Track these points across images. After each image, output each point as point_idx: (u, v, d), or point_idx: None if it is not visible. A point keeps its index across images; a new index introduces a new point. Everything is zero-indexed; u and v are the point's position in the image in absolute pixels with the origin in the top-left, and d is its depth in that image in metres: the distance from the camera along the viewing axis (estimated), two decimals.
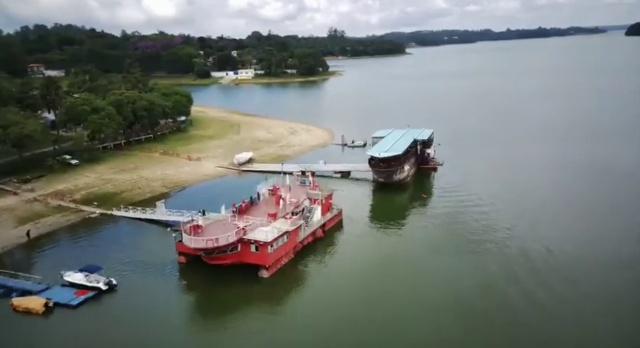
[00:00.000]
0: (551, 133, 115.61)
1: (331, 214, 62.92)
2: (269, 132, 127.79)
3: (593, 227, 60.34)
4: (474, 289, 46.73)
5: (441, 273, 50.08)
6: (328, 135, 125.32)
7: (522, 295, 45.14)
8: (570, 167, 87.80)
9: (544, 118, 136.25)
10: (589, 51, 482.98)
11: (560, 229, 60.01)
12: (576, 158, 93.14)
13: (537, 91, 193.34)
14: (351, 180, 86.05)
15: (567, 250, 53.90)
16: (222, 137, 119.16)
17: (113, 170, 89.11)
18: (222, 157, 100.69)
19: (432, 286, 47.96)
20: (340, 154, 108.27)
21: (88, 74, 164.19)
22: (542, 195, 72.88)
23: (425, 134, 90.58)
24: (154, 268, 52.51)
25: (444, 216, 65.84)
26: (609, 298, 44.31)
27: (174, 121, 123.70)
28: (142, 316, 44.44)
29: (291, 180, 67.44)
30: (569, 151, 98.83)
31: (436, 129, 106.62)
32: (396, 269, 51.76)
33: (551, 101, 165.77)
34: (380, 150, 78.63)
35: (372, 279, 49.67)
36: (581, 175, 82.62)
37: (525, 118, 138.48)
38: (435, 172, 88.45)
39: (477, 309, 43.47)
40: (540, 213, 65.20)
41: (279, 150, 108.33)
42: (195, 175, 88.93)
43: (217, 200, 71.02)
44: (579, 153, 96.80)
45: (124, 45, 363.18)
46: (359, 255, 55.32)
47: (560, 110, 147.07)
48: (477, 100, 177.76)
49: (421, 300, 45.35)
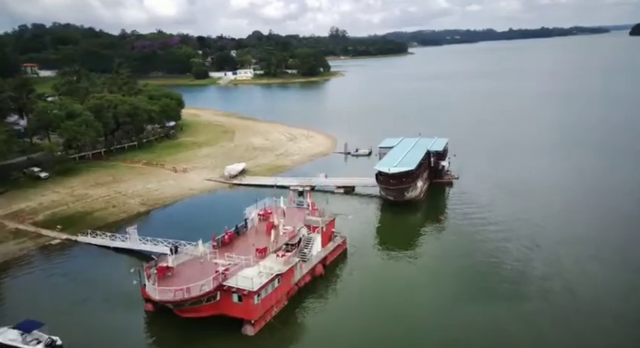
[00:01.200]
0: (575, 142, 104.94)
1: (334, 245, 52.81)
2: (266, 138, 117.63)
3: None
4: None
5: (476, 327, 39.86)
6: (330, 142, 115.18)
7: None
8: (608, 184, 77.33)
9: (564, 123, 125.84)
10: (595, 51, 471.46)
11: (610, 263, 49.91)
12: (615, 175, 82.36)
13: (549, 94, 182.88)
14: (356, 196, 75.95)
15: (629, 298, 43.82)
16: (213, 145, 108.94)
17: (87, 184, 79.02)
18: (211, 168, 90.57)
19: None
20: (343, 164, 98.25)
21: (76, 75, 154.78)
22: (583, 220, 62.52)
23: (439, 144, 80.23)
24: (114, 319, 42.42)
25: (467, 245, 55.65)
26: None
27: (162, 127, 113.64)
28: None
29: (286, 201, 57.40)
30: (604, 165, 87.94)
31: (448, 136, 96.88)
32: (414, 321, 41.63)
33: (568, 105, 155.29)
34: (389, 164, 68.42)
35: (386, 333, 39.55)
36: (621, 195, 72.33)
37: (543, 123, 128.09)
38: (450, 188, 78.19)
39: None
40: (585, 245, 54.95)
41: (276, 160, 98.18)
42: (179, 189, 78.80)
43: (201, 222, 61.96)
44: (614, 167, 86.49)
45: (122, 44, 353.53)
46: (367, 300, 44.97)
47: (578, 116, 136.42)
48: (489, 103, 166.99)
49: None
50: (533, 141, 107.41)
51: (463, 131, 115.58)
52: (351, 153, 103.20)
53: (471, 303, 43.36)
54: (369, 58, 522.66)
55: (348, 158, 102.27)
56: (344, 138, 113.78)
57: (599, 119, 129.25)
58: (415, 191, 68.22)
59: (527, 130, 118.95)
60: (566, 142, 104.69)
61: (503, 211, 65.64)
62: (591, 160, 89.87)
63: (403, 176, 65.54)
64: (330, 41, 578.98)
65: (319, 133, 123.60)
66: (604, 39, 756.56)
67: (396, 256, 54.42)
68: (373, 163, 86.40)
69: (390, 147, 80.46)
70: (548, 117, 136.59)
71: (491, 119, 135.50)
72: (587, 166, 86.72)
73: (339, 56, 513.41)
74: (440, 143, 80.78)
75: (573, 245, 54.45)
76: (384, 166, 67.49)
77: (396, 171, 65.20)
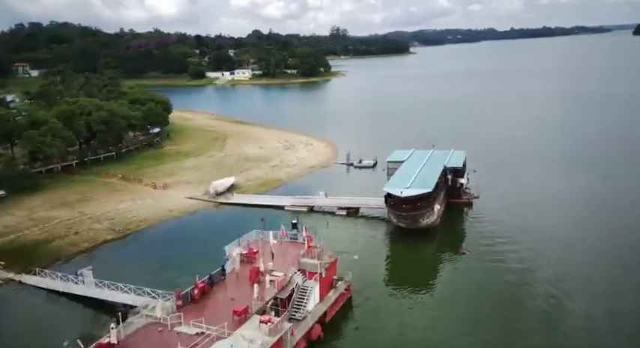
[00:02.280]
0: (605, 153, 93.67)
1: (335, 294, 42.16)
2: (260, 146, 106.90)
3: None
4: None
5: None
6: (330, 150, 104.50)
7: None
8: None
9: (587, 130, 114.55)
10: (600, 51, 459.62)
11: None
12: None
13: (565, 97, 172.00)
14: (360, 219, 65.33)
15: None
16: (201, 154, 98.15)
17: (50, 204, 68.42)
18: (197, 183, 79.90)
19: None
20: (345, 177, 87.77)
21: (60, 75, 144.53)
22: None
23: (457, 159, 69.29)
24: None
25: (501, 291, 44.87)
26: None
27: (145, 134, 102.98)
28: None
29: (276, 234, 46.75)
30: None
31: (462, 146, 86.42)
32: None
33: (587, 109, 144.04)
34: (400, 184, 57.63)
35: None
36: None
37: (566, 130, 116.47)
38: (469, 209, 67.49)
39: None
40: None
41: (270, 172, 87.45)
42: (157, 210, 68.12)
43: (176, 258, 51.78)
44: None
45: (118, 44, 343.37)
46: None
47: (602, 122, 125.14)
48: (502, 107, 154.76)
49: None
50: (557, 151, 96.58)
51: (477, 139, 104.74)
52: (354, 164, 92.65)
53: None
54: (370, 57, 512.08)
55: (350, 170, 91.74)
56: (346, 146, 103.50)
57: (625, 124, 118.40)
58: (432, 217, 57.49)
59: (550, 138, 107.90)
60: (595, 153, 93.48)
61: (533, 241, 55.06)
62: (628, 176, 79.13)
63: (418, 200, 54.83)
64: (331, 41, 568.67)
65: (319, 140, 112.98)
66: (607, 38, 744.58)
67: (413, 304, 43.72)
68: (379, 176, 76.28)
69: (399, 161, 69.66)
70: (570, 123, 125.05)
71: (508, 126, 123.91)
72: (624, 183, 75.95)
73: (340, 56, 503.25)
74: (458, 157, 69.88)
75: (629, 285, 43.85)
76: (395, 188, 56.64)
77: (410, 194, 54.42)
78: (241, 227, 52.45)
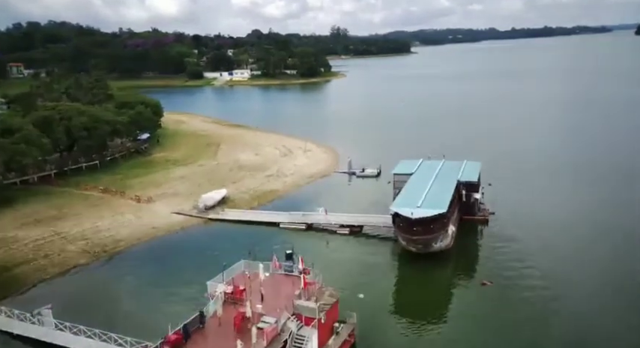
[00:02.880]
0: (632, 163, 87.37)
1: (337, 343, 35.51)
2: (256, 153, 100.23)
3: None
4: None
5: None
6: (331, 157, 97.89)
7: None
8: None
9: (608, 136, 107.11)
10: (605, 51, 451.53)
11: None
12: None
13: (578, 99, 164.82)
14: (363, 238, 58.81)
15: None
16: (192, 162, 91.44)
17: (20, 221, 61.78)
18: (185, 195, 73.25)
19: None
20: (346, 188, 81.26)
21: (50, 76, 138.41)
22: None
23: (471, 171, 62.45)
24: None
25: (524, 328, 38.38)
26: None
27: (133, 140, 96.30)
28: None
29: (267, 267, 40.15)
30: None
31: (472, 152, 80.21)
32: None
33: (604, 113, 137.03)
34: (410, 202, 50.95)
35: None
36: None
37: (584, 136, 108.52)
38: (485, 226, 60.88)
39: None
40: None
41: (266, 182, 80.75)
42: (139, 228, 61.51)
43: (151, 292, 45.26)
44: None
45: (115, 43, 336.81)
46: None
47: (621, 128, 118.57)
48: (513, 110, 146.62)
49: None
50: (576, 159, 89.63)
51: (488, 146, 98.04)
52: (356, 173, 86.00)
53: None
54: (371, 57, 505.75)
55: (352, 179, 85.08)
56: (347, 152, 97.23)
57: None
58: (446, 240, 50.88)
59: (567, 145, 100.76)
60: (619, 163, 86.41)
61: (559, 266, 48.57)
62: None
63: (431, 222, 48.12)
64: (331, 40, 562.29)
65: (318, 146, 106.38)
66: (609, 38, 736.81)
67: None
68: (383, 188, 69.84)
69: (407, 174, 62.94)
70: (586, 127, 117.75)
71: (521, 131, 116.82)
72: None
73: (341, 55, 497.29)
74: (472, 170, 63.04)
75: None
76: (404, 207, 49.89)
77: (422, 215, 47.68)
78: (230, 252, 46.37)
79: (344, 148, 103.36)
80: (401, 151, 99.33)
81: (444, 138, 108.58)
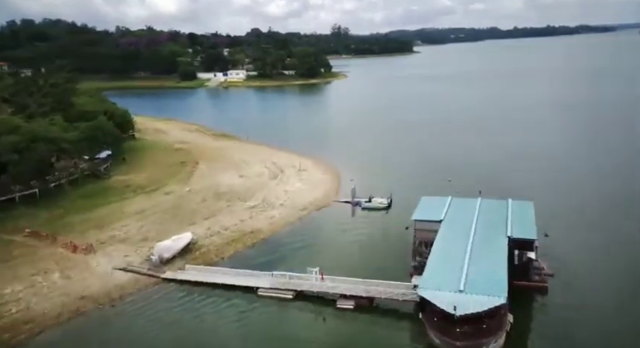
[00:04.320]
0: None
1: None
2: (240, 174, 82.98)
3: None
4: None
5: None
6: (330, 179, 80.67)
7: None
8: None
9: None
10: (611, 51, 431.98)
11: None
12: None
13: (611, 105, 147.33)
14: (376, 316, 41.70)
15: None
16: (159, 188, 73.94)
17: None
18: (137, 240, 56.02)
19: None
20: (349, 223, 63.87)
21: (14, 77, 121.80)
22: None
23: (522, 219, 44.77)
24: None
25: None
26: None
27: (91, 160, 79.03)
28: None
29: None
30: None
31: (512, 177, 63.65)
32: None
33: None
34: (447, 283, 33.84)
35: None
36: None
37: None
38: (542, 295, 43.53)
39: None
40: None
41: (247, 219, 63.18)
42: (62, 297, 44.26)
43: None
44: None
45: (107, 42, 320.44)
46: None
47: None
48: (551, 120, 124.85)
49: None
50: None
51: (528, 169, 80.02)
52: (362, 204, 68.77)
53: None
54: (372, 57, 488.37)
55: (356, 212, 67.87)
56: (349, 171, 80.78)
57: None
58: (501, 339, 33.58)
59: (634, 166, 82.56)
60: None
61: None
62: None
63: (484, 318, 30.96)
64: (332, 39, 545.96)
65: (316, 163, 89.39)
66: (614, 38, 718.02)
67: None
68: (397, 227, 53.40)
69: (433, 221, 45.75)
70: None
71: (567, 146, 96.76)
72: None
73: (342, 55, 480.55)
74: (523, 216, 45.35)
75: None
76: (439, 290, 32.73)
77: (471, 311, 30.44)
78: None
79: (345, 166, 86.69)
80: (415, 172, 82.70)
81: (468, 156, 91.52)
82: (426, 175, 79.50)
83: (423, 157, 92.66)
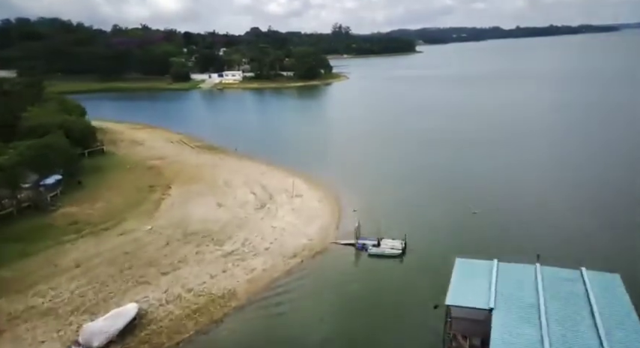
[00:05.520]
0: None
1: None
2: (219, 203, 68.00)
3: None
4: None
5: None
6: (329, 209, 65.55)
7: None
8: None
9: None
10: (617, 51, 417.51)
11: None
12: None
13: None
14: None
15: None
16: (113, 226, 58.88)
17: None
18: (68, 310, 41.08)
19: None
20: (353, 276, 48.88)
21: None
22: None
23: (612, 303, 30.13)
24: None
25: None
26: None
27: (33, 187, 64.14)
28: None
29: None
30: None
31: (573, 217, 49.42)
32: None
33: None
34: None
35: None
36: None
37: None
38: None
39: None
40: None
41: (220, 273, 48.25)
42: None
43: None
44: None
45: (99, 41, 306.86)
46: None
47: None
48: (599, 131, 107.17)
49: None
50: None
51: (584, 210, 64.55)
52: (368, 248, 53.85)
53: None
54: (374, 57, 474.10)
55: (361, 258, 52.91)
56: (351, 196, 66.69)
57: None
58: None
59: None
60: None
61: None
62: None
63: None
64: (333, 38, 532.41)
65: (312, 186, 74.46)
66: (619, 37, 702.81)
67: None
68: (416, 283, 39.68)
69: (476, 309, 30.81)
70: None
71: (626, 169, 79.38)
72: None
73: (343, 55, 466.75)
74: (611, 299, 30.54)
75: None
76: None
77: None
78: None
79: (347, 188, 72.07)
80: (430, 197, 67.73)
81: (496, 177, 76.52)
82: (445, 199, 65.25)
83: (439, 178, 77.59)
